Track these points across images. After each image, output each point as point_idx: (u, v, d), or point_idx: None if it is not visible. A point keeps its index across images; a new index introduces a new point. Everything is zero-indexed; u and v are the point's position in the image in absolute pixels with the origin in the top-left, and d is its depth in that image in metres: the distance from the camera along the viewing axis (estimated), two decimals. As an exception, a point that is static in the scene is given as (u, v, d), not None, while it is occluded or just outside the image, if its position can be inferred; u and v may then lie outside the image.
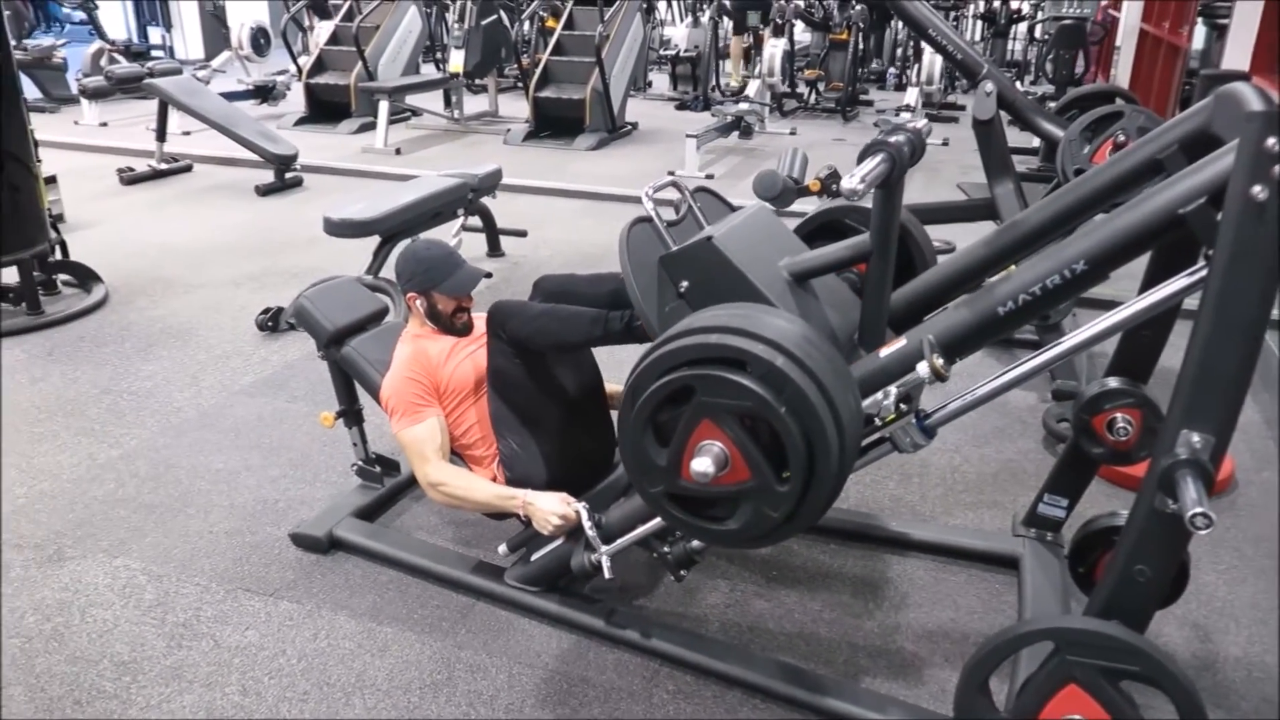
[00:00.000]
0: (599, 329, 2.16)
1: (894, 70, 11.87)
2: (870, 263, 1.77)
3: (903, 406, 1.64)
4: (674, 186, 2.15)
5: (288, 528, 2.60)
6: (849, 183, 1.54)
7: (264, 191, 6.38)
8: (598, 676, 2.09)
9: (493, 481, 2.32)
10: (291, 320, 2.79)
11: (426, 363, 2.36)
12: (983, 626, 2.25)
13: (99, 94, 8.03)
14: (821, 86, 10.10)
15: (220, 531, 2.62)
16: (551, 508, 2.13)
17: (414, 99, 8.71)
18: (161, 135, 6.76)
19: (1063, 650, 1.50)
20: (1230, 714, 2.00)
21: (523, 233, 5.28)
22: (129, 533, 2.60)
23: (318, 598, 2.34)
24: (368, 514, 2.65)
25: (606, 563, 2.05)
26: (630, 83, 8.78)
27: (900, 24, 10.81)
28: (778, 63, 8.65)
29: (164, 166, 6.85)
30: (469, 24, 8.40)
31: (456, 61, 8.42)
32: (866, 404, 1.64)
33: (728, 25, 10.97)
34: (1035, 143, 6.19)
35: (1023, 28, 12.65)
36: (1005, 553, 2.44)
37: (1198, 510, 1.34)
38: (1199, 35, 6.90)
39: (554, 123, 8.29)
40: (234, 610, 2.29)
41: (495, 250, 5.14)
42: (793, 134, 8.63)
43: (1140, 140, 1.74)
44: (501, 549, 2.34)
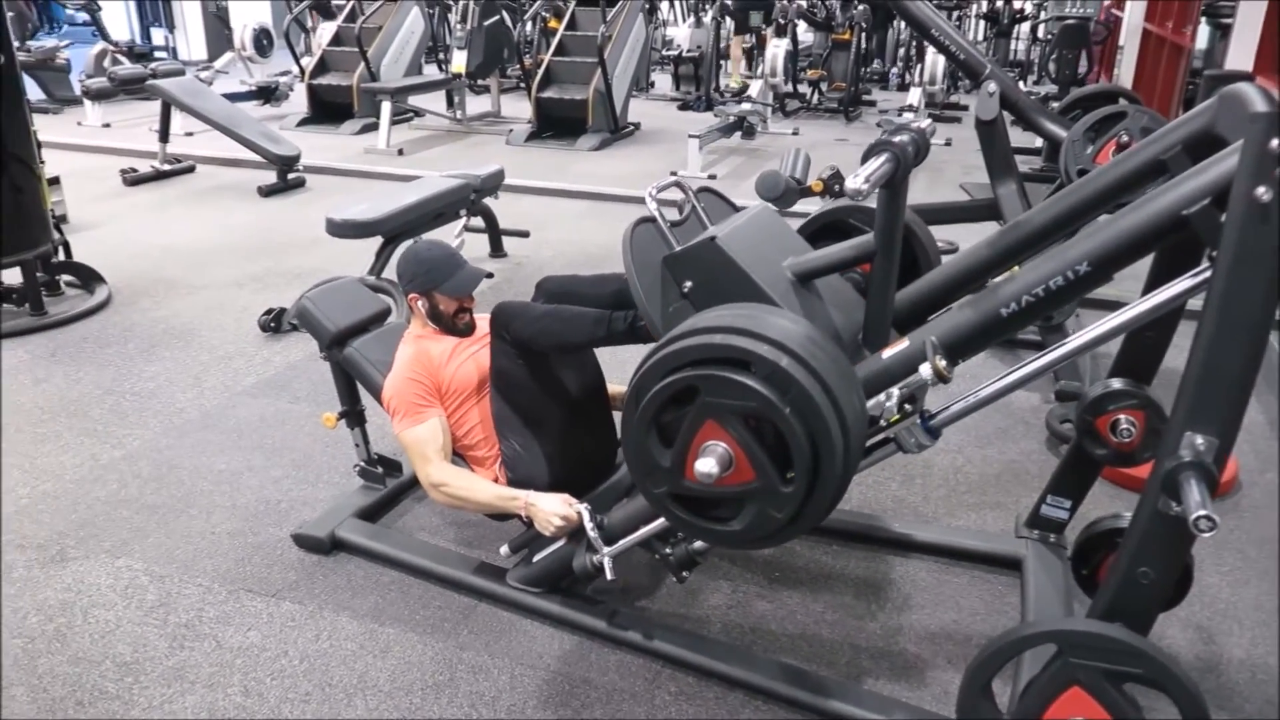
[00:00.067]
0: (602, 329, 2.16)
1: (896, 71, 11.86)
2: (875, 263, 1.77)
3: (907, 407, 1.64)
4: (677, 186, 2.14)
5: (290, 528, 2.60)
6: (853, 182, 1.54)
7: (266, 192, 6.39)
8: (600, 678, 2.09)
9: (495, 482, 2.32)
10: (294, 321, 2.79)
11: (428, 363, 2.36)
12: (985, 628, 2.25)
13: (102, 95, 8.06)
14: (824, 87, 10.09)
15: (222, 532, 2.62)
16: (553, 509, 2.13)
17: (416, 100, 8.72)
18: (164, 136, 6.77)
19: (1066, 653, 1.50)
20: (1234, 716, 2.00)
21: (525, 233, 5.28)
22: (131, 533, 2.61)
23: (320, 599, 2.34)
24: (370, 515, 2.65)
25: (608, 564, 2.05)
26: (633, 83, 8.78)
27: (903, 24, 10.80)
28: (780, 63, 8.64)
29: (167, 167, 6.86)
30: (471, 25, 8.41)
31: (459, 62, 8.43)
32: (870, 405, 1.64)
33: (730, 25, 10.97)
34: (1038, 143, 6.18)
35: (1026, 27, 12.64)
36: (1008, 554, 2.44)
37: (1201, 513, 1.33)
38: (1203, 35, 6.89)
39: (556, 123, 8.30)
40: (236, 611, 2.29)
41: (497, 251, 5.14)
42: (795, 134, 8.63)
43: (1144, 141, 1.74)
44: (503, 550, 2.34)
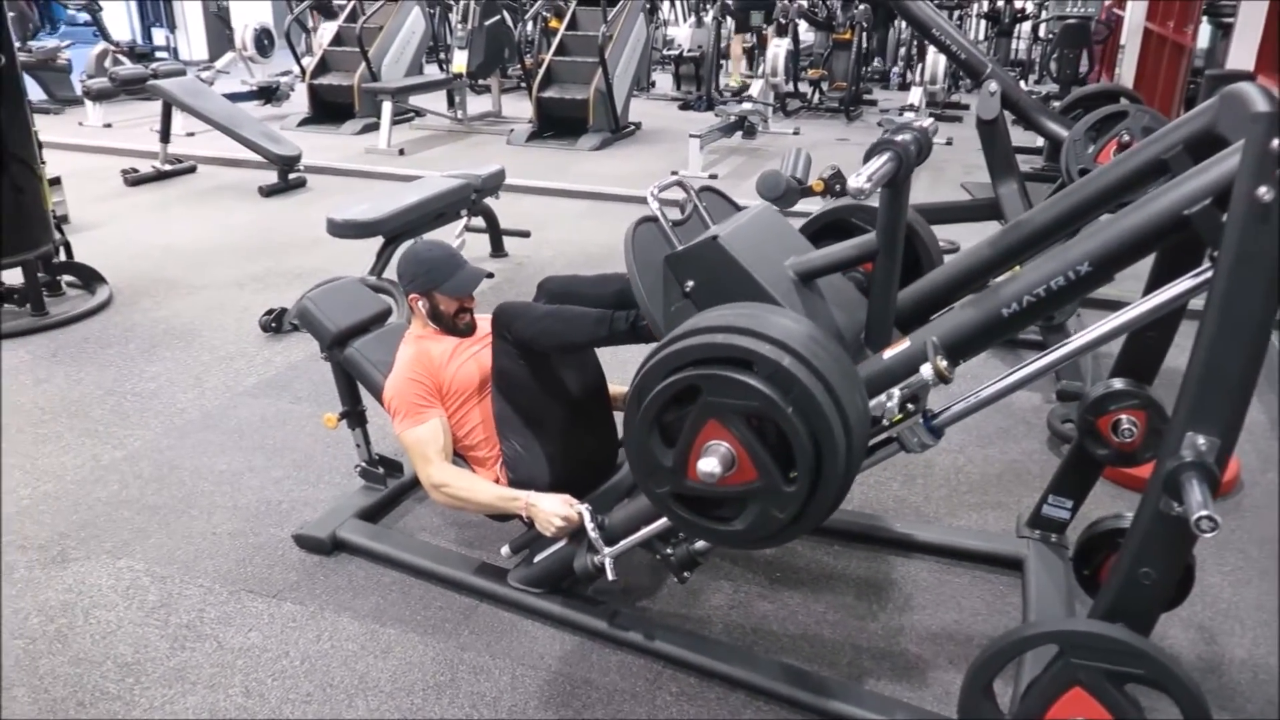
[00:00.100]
0: (604, 329, 2.15)
1: (897, 70, 11.85)
2: (877, 262, 1.77)
3: (910, 406, 1.64)
4: (679, 186, 2.14)
5: (291, 529, 2.60)
6: (856, 181, 1.53)
7: (267, 192, 6.39)
8: (601, 678, 2.09)
9: (496, 483, 2.32)
10: (295, 321, 2.79)
11: (429, 364, 2.36)
12: (987, 628, 2.25)
13: (103, 95, 8.05)
14: (825, 86, 10.08)
15: (223, 533, 2.62)
16: (554, 509, 2.13)
17: (417, 99, 8.72)
18: (165, 136, 6.77)
19: (1067, 653, 1.50)
20: (1236, 716, 1.99)
21: (526, 233, 5.28)
22: (133, 534, 2.61)
23: (321, 599, 2.34)
24: (371, 515, 2.65)
25: (609, 564, 2.05)
26: (633, 83, 8.78)
27: (904, 23, 10.79)
28: (781, 62, 8.63)
29: (168, 168, 6.86)
30: (472, 24, 8.40)
31: (460, 62, 8.42)
32: (871, 405, 1.64)
33: (730, 25, 10.96)
34: (1040, 142, 6.18)
35: (1027, 27, 12.63)
36: (1009, 554, 2.44)
37: (1203, 513, 1.33)
38: (1204, 34, 6.88)
39: (557, 123, 8.29)
40: (237, 611, 2.29)
41: (498, 251, 5.14)
42: (796, 134, 8.62)
43: (1145, 140, 1.73)
44: (504, 550, 2.34)
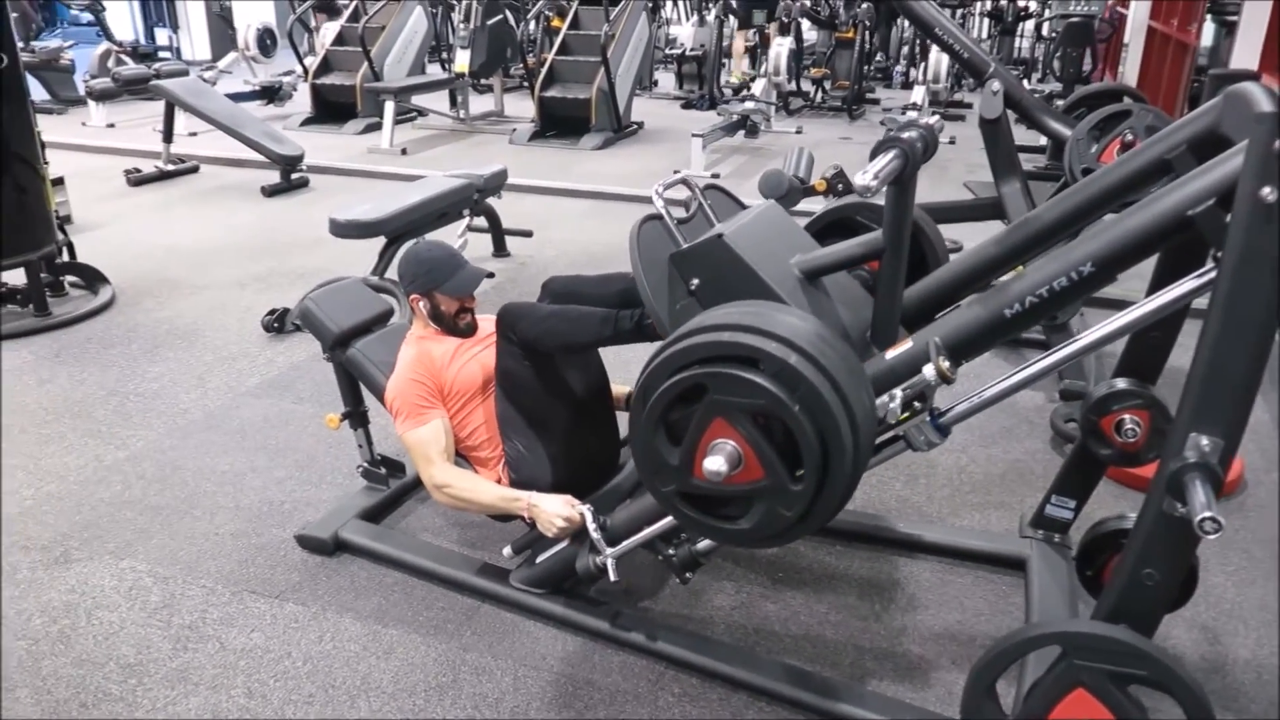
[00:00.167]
0: (609, 328, 2.15)
1: (899, 69, 11.83)
2: (883, 260, 1.76)
3: (917, 404, 1.63)
4: (684, 184, 2.14)
5: (293, 529, 2.60)
6: (862, 179, 1.52)
7: (270, 192, 6.39)
8: (603, 679, 2.09)
9: (498, 483, 2.32)
10: (297, 321, 2.79)
11: (430, 364, 2.35)
12: (990, 629, 2.24)
13: (106, 95, 8.06)
14: (827, 85, 10.07)
15: (226, 533, 2.62)
16: (556, 510, 2.13)
17: (420, 99, 8.72)
18: (168, 136, 6.78)
19: (1070, 654, 1.49)
20: (1239, 716, 1.99)
21: (528, 233, 5.28)
22: (135, 534, 2.61)
23: (323, 600, 2.34)
24: (373, 516, 2.65)
25: (611, 565, 2.05)
26: (636, 82, 8.78)
27: (906, 21, 10.77)
28: (784, 61, 8.62)
29: (171, 168, 6.87)
30: (474, 24, 8.40)
31: (462, 61, 8.42)
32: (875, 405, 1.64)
33: (733, 23, 10.95)
34: (1043, 141, 6.18)
35: (1030, 25, 12.61)
36: (1012, 554, 2.44)
37: (1206, 515, 1.32)
38: (1208, 33, 6.86)
39: (560, 122, 8.29)
40: (239, 612, 2.29)
41: (501, 251, 5.14)
42: (798, 133, 8.61)
43: (1150, 140, 1.73)
44: (506, 551, 2.34)
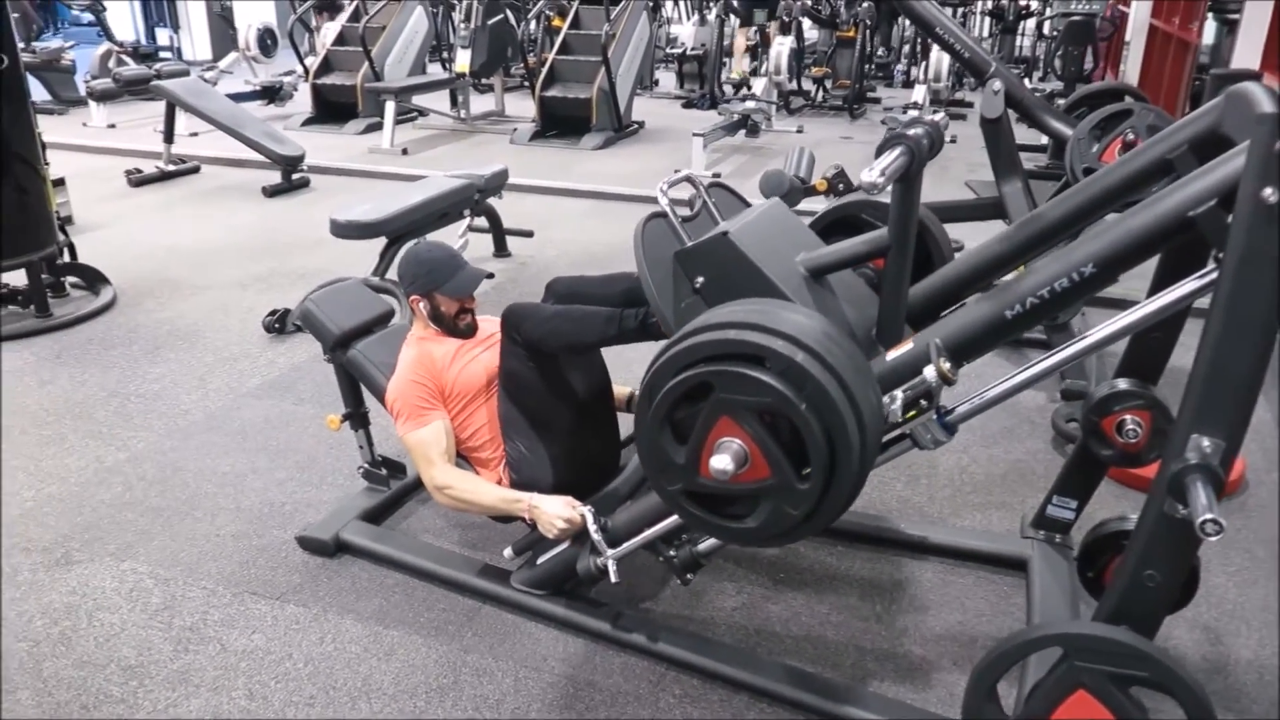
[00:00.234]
0: (614, 328, 2.14)
1: (901, 68, 11.82)
2: (888, 258, 1.76)
3: (923, 403, 1.62)
4: (688, 181, 2.13)
5: (294, 531, 2.60)
6: (868, 176, 1.52)
7: (271, 193, 6.39)
8: (604, 680, 2.08)
9: (499, 484, 2.32)
10: (298, 322, 2.79)
11: (431, 365, 2.35)
12: (991, 630, 2.24)
13: (107, 96, 8.07)
14: (828, 84, 10.07)
15: (227, 535, 2.62)
16: (557, 511, 2.13)
17: (420, 99, 8.72)
18: (169, 137, 6.78)
19: (1071, 656, 1.49)
20: (1241, 717, 1.99)
21: (529, 233, 5.27)
22: (136, 536, 2.61)
23: (324, 601, 2.34)
24: (374, 517, 2.65)
25: (612, 566, 2.05)
26: (637, 81, 8.77)
27: (907, 20, 10.76)
28: (785, 60, 8.62)
29: (172, 168, 6.87)
30: (475, 24, 8.40)
31: (463, 61, 8.42)
32: (878, 405, 1.63)
33: (734, 23, 10.95)
34: (1044, 140, 6.17)
35: (1031, 24, 12.61)
36: (1014, 555, 2.43)
37: (1208, 516, 1.32)
38: (1209, 31, 6.85)
39: (560, 122, 8.29)
40: (240, 614, 2.29)
41: (502, 251, 5.14)
42: (799, 132, 8.61)
43: (1151, 140, 1.73)
44: (507, 552, 2.34)
